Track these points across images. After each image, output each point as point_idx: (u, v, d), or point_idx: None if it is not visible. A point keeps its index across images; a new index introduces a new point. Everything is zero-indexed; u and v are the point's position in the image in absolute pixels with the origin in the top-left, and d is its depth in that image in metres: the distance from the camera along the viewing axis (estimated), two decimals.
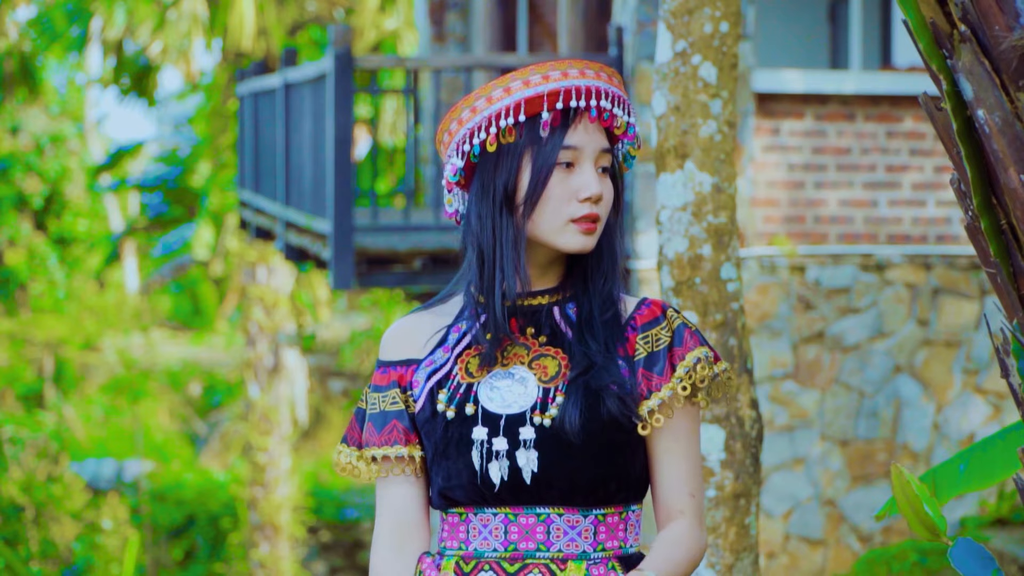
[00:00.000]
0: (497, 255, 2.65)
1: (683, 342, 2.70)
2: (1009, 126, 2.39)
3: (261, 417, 18.41)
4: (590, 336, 2.66)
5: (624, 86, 2.74)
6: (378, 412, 2.71)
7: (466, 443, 2.64)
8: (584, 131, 2.64)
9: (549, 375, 2.66)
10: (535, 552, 2.64)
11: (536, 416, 2.63)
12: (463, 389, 2.67)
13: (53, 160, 26.19)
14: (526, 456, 2.62)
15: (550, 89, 2.60)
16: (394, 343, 2.73)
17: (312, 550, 20.56)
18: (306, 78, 10.18)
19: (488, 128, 2.63)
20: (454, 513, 2.69)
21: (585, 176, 2.63)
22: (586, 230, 2.63)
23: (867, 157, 9.53)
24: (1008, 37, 2.37)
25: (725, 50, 4.36)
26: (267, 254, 17.88)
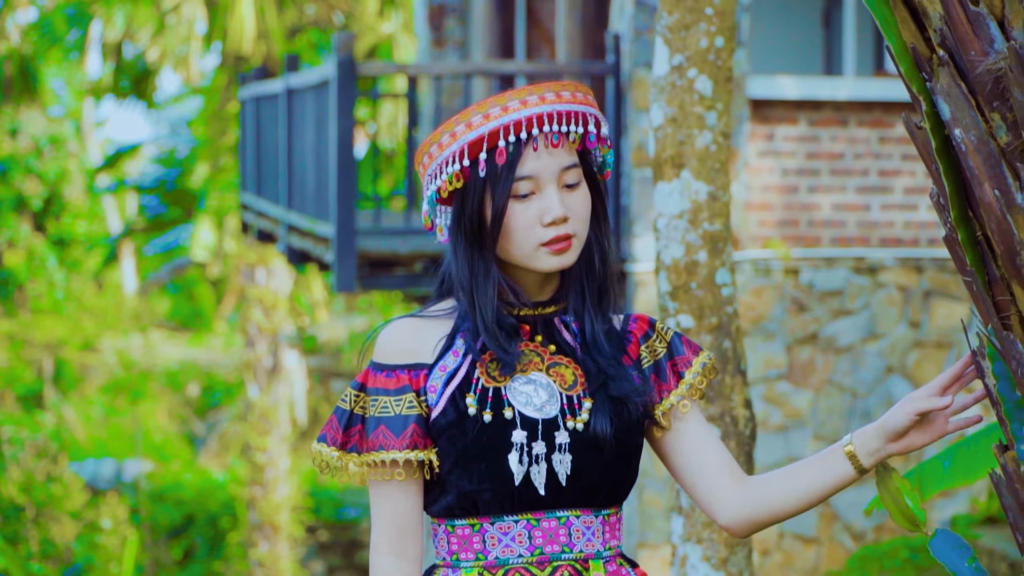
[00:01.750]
0: (473, 286, 2.69)
1: (683, 350, 2.81)
2: (984, 144, 2.52)
3: (260, 417, 18.44)
4: (596, 350, 2.73)
5: (591, 100, 2.75)
6: (393, 416, 2.67)
7: (504, 447, 2.65)
8: (539, 157, 2.67)
9: (568, 383, 2.71)
10: (560, 554, 2.68)
11: (569, 421, 2.68)
12: (492, 393, 2.68)
13: (52, 162, 26.20)
14: (560, 460, 2.67)
15: (490, 129, 2.65)
16: (397, 347, 2.71)
17: (310, 550, 20.58)
18: (308, 84, 10.29)
19: (443, 173, 2.70)
20: (465, 524, 2.69)
21: (546, 201, 2.67)
22: (557, 251, 2.67)
23: (860, 162, 9.63)
24: (983, 62, 2.51)
25: (720, 64, 4.51)
26: (266, 256, 17.94)
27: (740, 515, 2.79)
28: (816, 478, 2.73)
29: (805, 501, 2.74)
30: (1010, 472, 2.61)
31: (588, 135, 2.72)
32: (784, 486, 2.75)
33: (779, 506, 2.76)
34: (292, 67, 11.07)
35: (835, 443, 2.74)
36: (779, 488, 2.76)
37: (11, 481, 17.99)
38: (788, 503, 2.75)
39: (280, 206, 11.57)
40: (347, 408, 2.72)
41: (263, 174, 12.69)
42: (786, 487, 2.75)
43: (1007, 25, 2.51)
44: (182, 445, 24.00)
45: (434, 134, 2.73)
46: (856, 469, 2.71)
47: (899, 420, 2.68)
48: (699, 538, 4.63)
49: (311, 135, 10.26)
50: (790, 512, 2.77)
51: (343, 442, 2.71)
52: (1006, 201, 2.52)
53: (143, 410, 24.11)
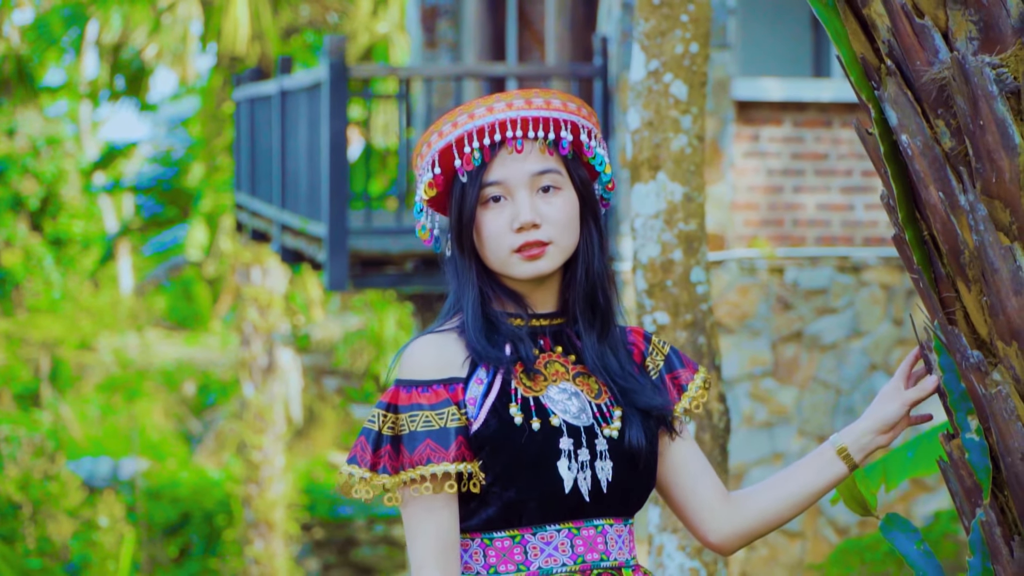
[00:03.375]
0: (459, 290, 2.73)
1: (683, 364, 2.86)
2: (929, 149, 2.64)
3: (256, 416, 18.46)
4: (608, 364, 2.76)
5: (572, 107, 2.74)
6: (438, 429, 2.63)
7: (553, 454, 2.66)
8: (507, 163, 2.68)
9: (594, 392, 2.73)
10: (599, 562, 2.70)
11: (605, 429, 2.71)
12: (533, 402, 2.67)
13: (49, 162, 26.23)
14: (602, 466, 2.69)
15: (456, 136, 2.68)
16: (428, 363, 2.67)
17: (305, 547, 20.62)
18: (302, 86, 10.39)
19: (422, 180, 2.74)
20: (504, 536, 2.68)
21: (516, 206, 2.67)
22: (529, 257, 2.67)
23: (844, 162, 9.71)
24: (928, 71, 2.63)
25: (695, 69, 4.64)
26: (261, 255, 18.00)
27: (731, 530, 2.84)
28: (809, 480, 2.81)
29: (799, 505, 2.82)
30: (956, 459, 2.74)
31: (560, 141, 2.70)
32: (777, 494, 2.82)
33: (773, 514, 2.83)
34: (286, 69, 11.17)
35: (820, 446, 2.83)
36: (772, 497, 2.82)
37: (8, 479, 18.03)
38: (782, 510, 2.82)
39: (274, 206, 11.66)
40: (375, 428, 2.68)
41: (257, 174, 12.78)
42: (779, 495, 2.82)
43: (951, 37, 2.64)
44: (178, 443, 24.02)
45: (421, 138, 2.77)
46: (848, 467, 2.80)
47: (894, 412, 2.80)
48: (674, 528, 4.76)
49: (304, 136, 10.35)
50: (784, 519, 2.84)
51: (373, 463, 2.66)
52: (950, 203, 2.64)
53: (139, 409, 24.13)
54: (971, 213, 2.60)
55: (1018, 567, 2.64)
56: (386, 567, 21.00)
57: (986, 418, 2.67)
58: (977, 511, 2.69)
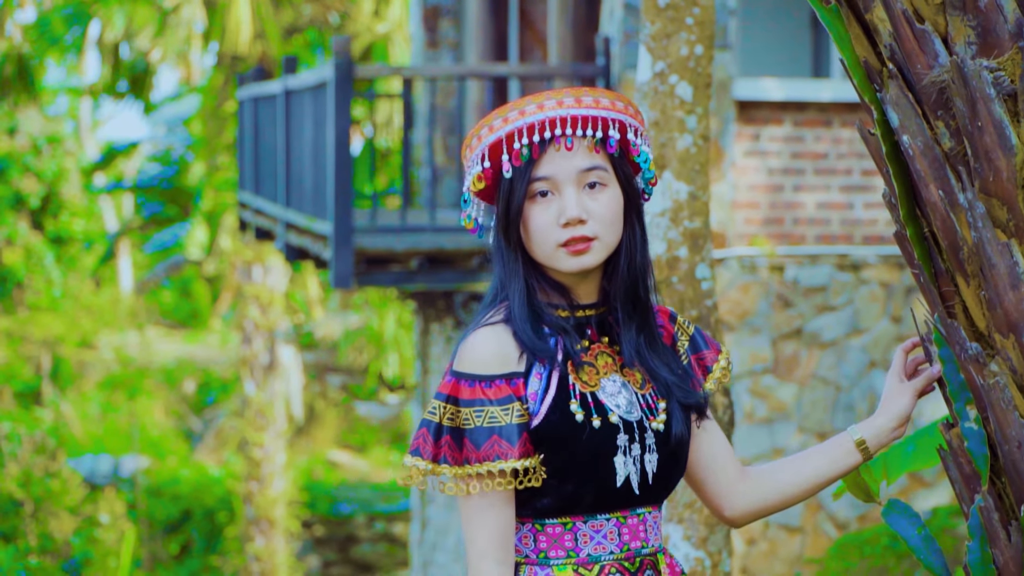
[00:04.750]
0: (506, 281, 2.79)
1: (707, 345, 2.95)
2: (929, 149, 2.73)
3: (257, 413, 18.48)
4: (645, 357, 2.82)
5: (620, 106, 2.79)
6: (504, 425, 2.68)
7: (610, 449, 2.73)
8: (555, 159, 2.74)
9: (639, 382, 2.81)
10: (641, 550, 2.78)
11: (652, 422, 2.78)
12: (591, 398, 2.74)
13: (50, 161, 26.25)
14: (650, 459, 2.77)
15: (507, 132, 2.73)
16: (489, 357, 2.72)
17: (305, 544, 20.66)
18: (306, 85, 10.46)
19: (470, 172, 2.81)
20: (556, 523, 2.75)
21: (563, 202, 2.73)
22: (575, 252, 2.73)
23: (843, 161, 9.77)
24: (928, 74, 2.72)
25: (700, 71, 4.73)
26: (263, 253, 18.04)
27: (745, 505, 2.94)
28: (824, 466, 2.90)
29: (812, 488, 2.92)
30: (955, 448, 2.84)
31: (608, 139, 2.75)
32: (792, 475, 2.91)
33: (787, 494, 2.92)
34: (290, 68, 11.24)
35: (837, 436, 2.93)
36: (787, 477, 2.92)
37: (9, 477, 18.05)
38: (795, 491, 2.92)
39: (278, 204, 11.72)
40: (436, 420, 2.72)
41: (261, 173, 12.85)
42: (795, 476, 2.91)
43: (950, 41, 2.73)
44: (179, 441, 24.05)
45: (471, 132, 2.83)
46: (864, 458, 2.89)
47: (907, 404, 2.90)
48: (680, 518, 4.85)
49: (309, 135, 10.42)
50: (795, 499, 2.93)
51: (434, 454, 2.71)
52: (949, 201, 2.73)
53: (140, 406, 24.15)
54: (970, 211, 2.69)
55: (1015, 551, 2.73)
56: (386, 564, 21.05)
57: (984, 408, 2.76)
58: (976, 497, 2.79)
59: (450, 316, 11.63)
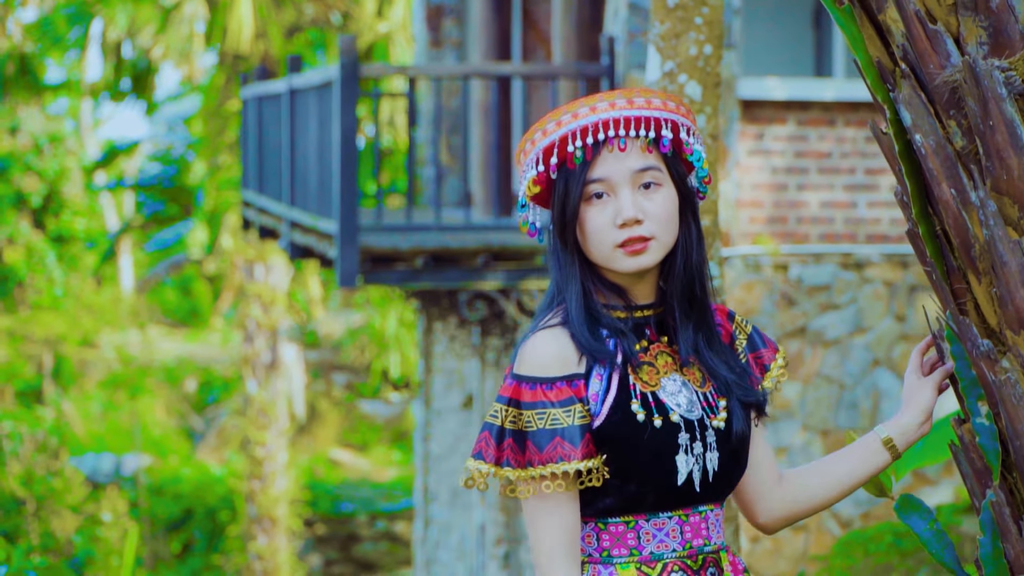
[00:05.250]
0: (563, 284, 2.80)
1: (764, 344, 2.96)
2: (941, 148, 2.77)
3: (259, 412, 18.50)
4: (704, 351, 2.83)
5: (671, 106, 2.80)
6: (566, 427, 2.69)
7: (672, 448, 2.74)
8: (609, 161, 2.75)
9: (699, 381, 2.82)
10: (704, 547, 2.80)
11: (713, 420, 2.80)
12: (651, 398, 2.76)
13: (51, 160, 26.25)
14: (711, 457, 2.78)
15: (560, 135, 2.75)
16: (549, 359, 2.72)
17: (307, 543, 20.69)
18: (311, 84, 10.49)
19: (525, 176, 2.83)
20: (619, 522, 2.76)
21: (619, 203, 2.74)
22: (632, 252, 2.74)
23: (847, 160, 9.80)
24: (940, 74, 2.75)
25: (709, 70, 4.77)
26: (265, 252, 18.07)
27: (779, 512, 2.96)
28: (854, 467, 2.91)
29: (844, 491, 2.93)
30: (967, 443, 2.87)
31: (661, 139, 2.76)
32: (823, 478, 2.93)
33: (819, 498, 2.93)
34: (295, 68, 11.27)
35: (864, 436, 2.94)
36: (818, 481, 2.93)
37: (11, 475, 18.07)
38: (827, 494, 2.93)
39: (283, 203, 11.75)
40: (498, 423, 2.73)
41: (265, 172, 12.88)
42: (826, 479, 2.92)
43: (962, 42, 2.77)
44: (180, 440, 24.07)
45: (525, 136, 2.83)
46: (892, 456, 2.91)
47: (929, 398, 2.91)
48: None
49: (314, 134, 10.45)
50: (827, 503, 2.95)
51: (497, 457, 2.72)
52: (961, 199, 2.77)
53: (142, 405, 24.17)
54: (981, 209, 2.73)
55: None
56: (387, 563, 21.09)
57: (996, 403, 2.80)
58: (987, 492, 2.82)
59: (453, 315, 11.66)
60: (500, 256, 9.85)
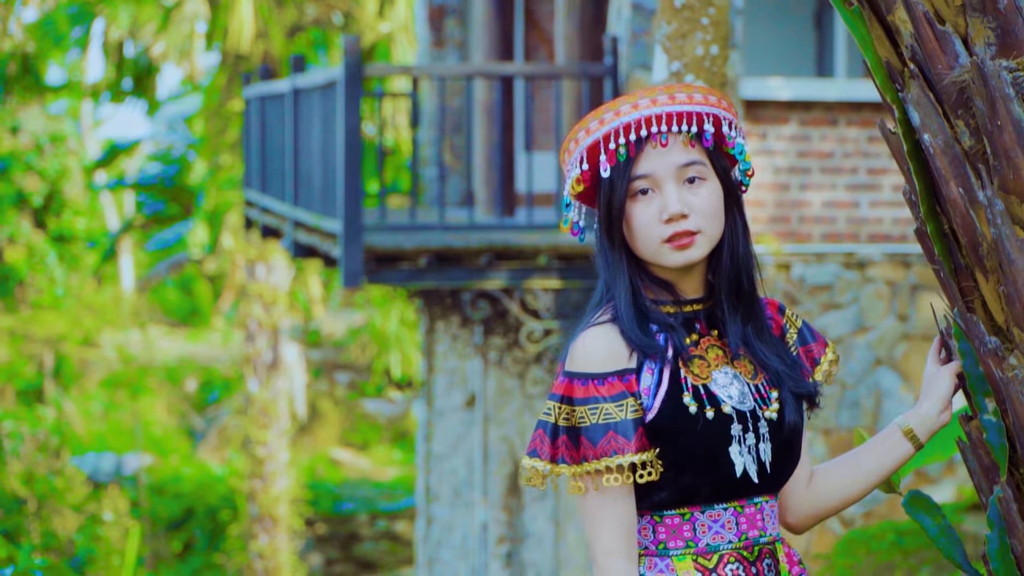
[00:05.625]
0: (611, 281, 2.81)
1: (814, 338, 2.97)
2: (949, 147, 2.80)
3: (260, 411, 18.54)
4: (754, 343, 2.84)
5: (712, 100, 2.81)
6: (619, 421, 2.71)
7: (725, 440, 2.75)
8: (653, 157, 2.77)
9: (750, 373, 2.83)
10: (760, 538, 2.80)
11: (766, 411, 2.80)
12: (703, 390, 2.76)
13: (52, 159, 26.30)
14: (764, 448, 2.79)
15: (604, 133, 2.77)
16: (601, 355, 2.73)
17: (308, 542, 20.72)
18: (315, 84, 10.52)
19: (569, 175, 2.85)
20: (675, 515, 2.77)
21: (664, 198, 2.76)
22: (679, 247, 2.75)
23: (849, 160, 9.84)
24: (948, 74, 2.78)
25: (715, 70, 4.81)
26: (266, 251, 18.11)
27: (808, 511, 2.97)
28: (878, 461, 2.91)
29: (869, 485, 2.93)
30: (974, 439, 2.90)
31: (704, 134, 2.77)
32: (849, 474, 2.93)
33: (846, 494, 2.94)
34: (298, 68, 11.31)
35: (885, 428, 2.94)
36: (844, 477, 2.94)
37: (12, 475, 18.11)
38: (854, 490, 2.94)
39: (286, 203, 11.79)
40: (551, 421, 2.74)
41: (268, 171, 12.92)
42: (851, 475, 2.93)
43: (970, 42, 2.80)
44: (181, 439, 24.11)
45: (568, 135, 2.83)
46: (915, 447, 2.91)
47: (948, 385, 2.89)
48: None
49: (318, 134, 10.48)
50: (854, 498, 2.96)
51: (552, 454, 2.73)
52: (969, 198, 2.79)
53: (142, 405, 24.22)
54: (989, 208, 2.76)
55: None
56: (388, 562, 21.13)
57: (1003, 400, 2.83)
58: (995, 488, 2.85)
59: (456, 314, 11.70)
60: (503, 255, 9.89)
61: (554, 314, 10.01)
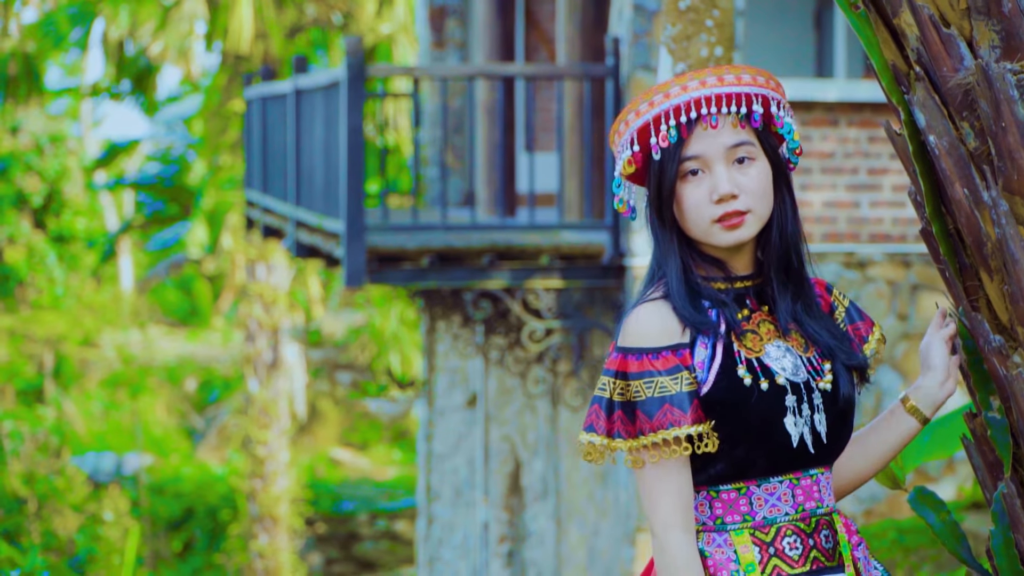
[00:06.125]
0: (662, 259, 2.85)
1: (861, 318, 2.99)
2: (955, 149, 2.84)
3: (260, 411, 18.57)
4: (803, 319, 2.87)
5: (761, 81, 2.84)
6: (675, 394, 2.73)
7: (779, 412, 2.77)
8: (702, 138, 2.80)
9: (802, 347, 2.85)
10: (816, 510, 2.82)
11: (819, 382, 2.82)
12: (756, 363, 2.79)
13: (52, 159, 26.33)
14: (819, 419, 2.81)
15: (654, 115, 2.80)
16: (654, 330, 2.77)
17: (308, 542, 20.76)
18: (318, 85, 10.55)
19: (620, 157, 2.88)
20: (730, 489, 2.79)
21: (714, 179, 2.79)
22: (729, 226, 2.79)
23: (850, 160, 9.87)
24: (954, 77, 2.83)
25: None
26: (266, 251, 18.14)
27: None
28: (884, 438, 2.95)
29: (880, 461, 2.96)
30: (979, 436, 2.95)
31: (752, 114, 2.80)
32: (861, 451, 2.97)
33: (862, 468, 2.97)
34: (300, 68, 11.34)
35: (892, 404, 2.98)
36: (854, 456, 2.96)
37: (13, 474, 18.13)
38: (868, 465, 2.97)
39: (288, 203, 11.82)
40: (607, 396, 2.77)
41: (270, 172, 12.95)
42: (862, 453, 2.97)
43: (975, 45, 2.84)
44: (181, 439, 24.14)
45: (619, 117, 2.86)
46: (919, 420, 2.92)
47: (942, 353, 2.90)
48: None
49: (320, 134, 10.51)
50: (870, 473, 2.98)
51: (608, 429, 2.76)
52: (974, 199, 2.84)
53: (142, 404, 24.24)
54: (993, 208, 2.80)
55: None
56: (388, 562, 21.16)
57: (1007, 398, 2.87)
58: (999, 484, 2.89)
59: (457, 313, 11.73)
60: (505, 255, 9.92)
61: (556, 314, 10.05)
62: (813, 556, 2.79)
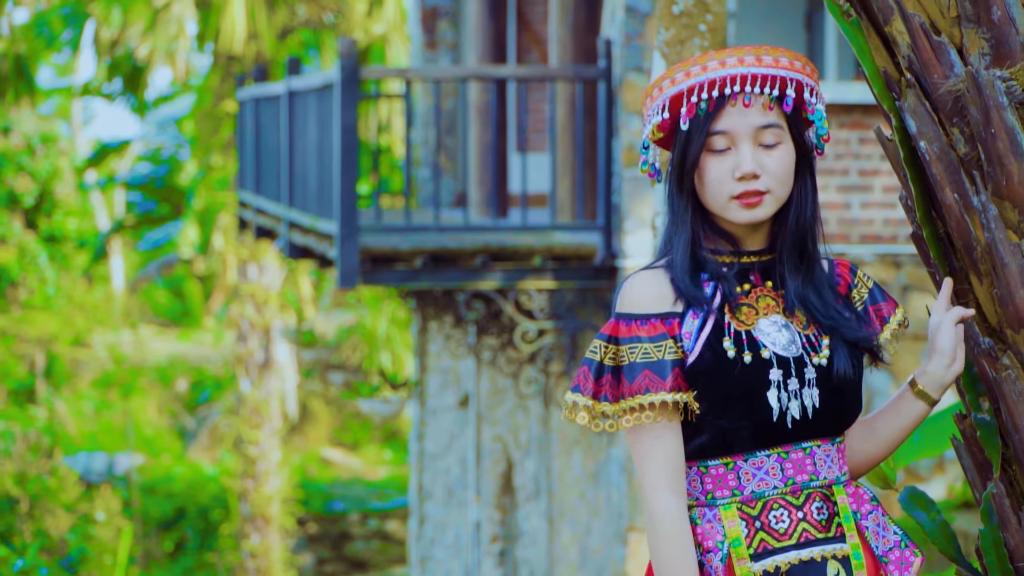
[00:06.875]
0: (672, 227, 2.89)
1: (885, 299, 3.00)
2: (945, 154, 2.88)
3: (252, 411, 18.58)
4: (811, 300, 2.89)
5: (798, 67, 2.85)
6: (656, 360, 2.78)
7: (763, 385, 2.80)
8: (734, 115, 2.82)
9: (803, 323, 2.87)
10: (809, 482, 2.82)
11: (814, 357, 2.83)
12: (744, 336, 2.82)
13: (44, 160, 26.30)
14: (809, 394, 2.82)
15: (688, 85, 2.83)
16: (647, 297, 2.82)
17: (299, 541, 20.78)
18: (311, 86, 10.58)
19: (650, 121, 2.91)
20: (718, 464, 2.82)
21: (739, 156, 2.81)
22: (747, 205, 2.82)
23: (841, 162, 9.91)
24: (944, 84, 2.87)
25: None
26: (258, 252, 18.17)
27: None
28: (894, 421, 2.95)
29: (891, 444, 2.97)
30: (968, 436, 2.99)
31: (785, 99, 2.82)
32: (868, 438, 2.97)
33: (873, 452, 2.97)
34: (294, 70, 11.37)
35: (900, 389, 2.99)
36: (863, 440, 2.97)
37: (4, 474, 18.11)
38: (878, 447, 2.96)
39: (281, 204, 11.85)
40: (597, 359, 2.81)
41: (262, 172, 12.97)
42: (874, 434, 2.97)
43: (965, 53, 2.88)
44: (172, 439, 24.15)
45: (653, 82, 2.89)
46: (928, 403, 2.93)
47: (950, 335, 2.89)
48: None
49: (313, 135, 10.54)
50: (882, 456, 2.98)
51: (595, 391, 2.81)
52: (964, 203, 2.88)
53: (134, 404, 24.23)
54: (983, 213, 2.85)
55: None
56: (379, 562, 21.18)
57: (996, 399, 2.92)
58: (988, 484, 2.94)
59: (449, 314, 11.77)
60: (498, 256, 9.96)
61: (548, 314, 10.09)
62: (802, 528, 2.81)
